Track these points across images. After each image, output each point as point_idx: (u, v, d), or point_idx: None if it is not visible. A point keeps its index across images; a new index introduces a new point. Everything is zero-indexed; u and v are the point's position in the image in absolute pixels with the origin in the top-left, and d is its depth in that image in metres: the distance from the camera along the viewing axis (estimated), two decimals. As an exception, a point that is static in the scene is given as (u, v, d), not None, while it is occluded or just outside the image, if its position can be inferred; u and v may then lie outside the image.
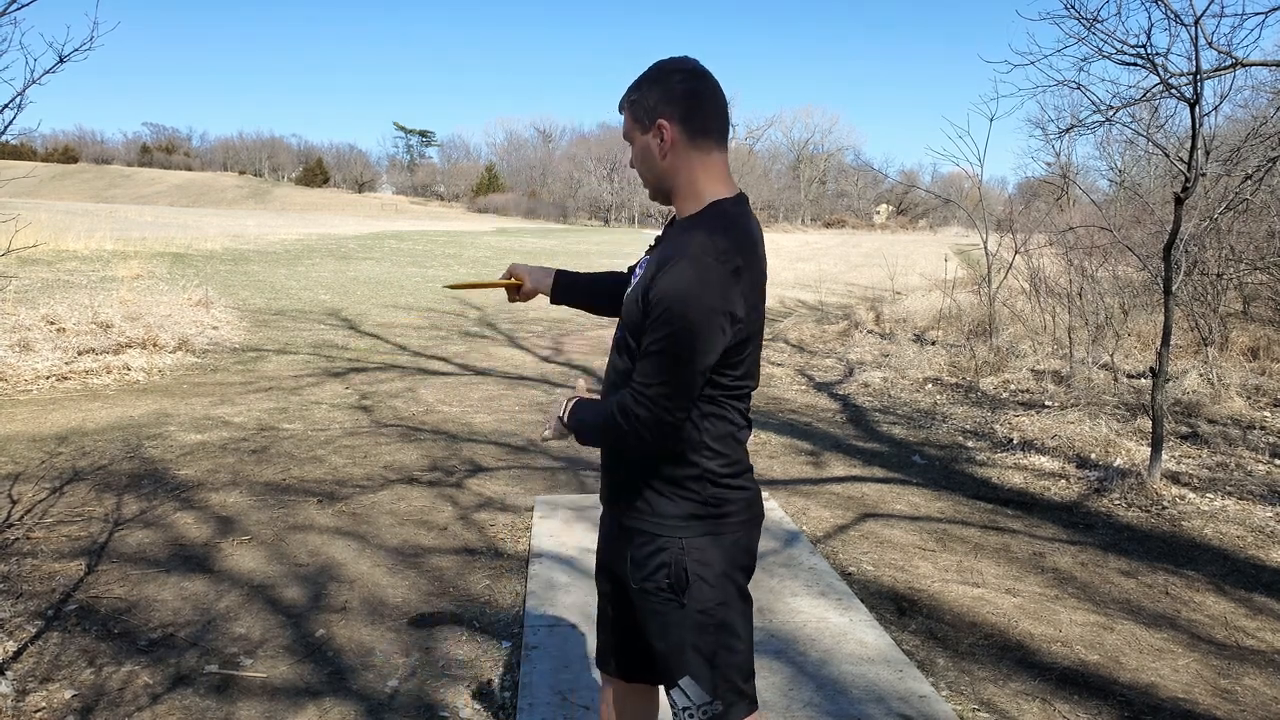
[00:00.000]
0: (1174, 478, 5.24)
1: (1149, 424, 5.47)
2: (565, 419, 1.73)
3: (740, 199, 1.66)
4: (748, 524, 1.71)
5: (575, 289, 2.02)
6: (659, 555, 1.66)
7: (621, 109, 1.68)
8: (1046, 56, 5.25)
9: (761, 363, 1.77)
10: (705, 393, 1.61)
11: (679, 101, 1.61)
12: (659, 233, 1.83)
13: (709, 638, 1.66)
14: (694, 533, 1.65)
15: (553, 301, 2.03)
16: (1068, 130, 6.94)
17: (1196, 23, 4.41)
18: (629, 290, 1.72)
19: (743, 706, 1.71)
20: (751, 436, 1.84)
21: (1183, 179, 4.86)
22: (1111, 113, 5.42)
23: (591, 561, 2.13)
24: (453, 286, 2.18)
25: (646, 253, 1.78)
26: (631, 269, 1.91)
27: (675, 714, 1.72)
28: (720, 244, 1.54)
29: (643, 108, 1.63)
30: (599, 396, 1.74)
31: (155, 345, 8.91)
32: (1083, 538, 4.38)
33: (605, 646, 1.91)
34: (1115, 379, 7.82)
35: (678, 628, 1.66)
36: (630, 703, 1.96)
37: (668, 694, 1.74)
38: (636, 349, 1.61)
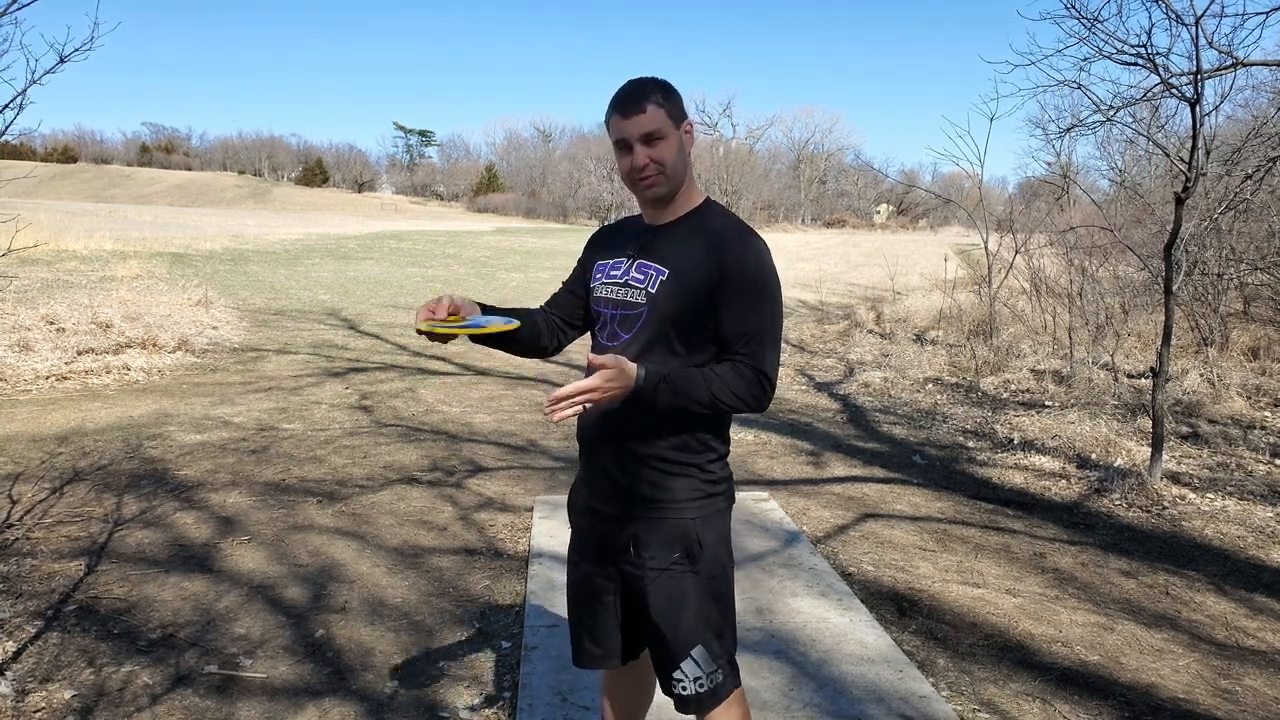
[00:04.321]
0: (1174, 478, 5.23)
1: (1149, 424, 5.47)
2: (641, 387, 1.64)
3: None
4: (732, 502, 1.89)
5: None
6: (673, 530, 1.79)
7: (644, 106, 1.71)
8: (1047, 56, 5.25)
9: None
10: None
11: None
12: (600, 234, 1.98)
13: (716, 607, 1.82)
14: (701, 508, 1.80)
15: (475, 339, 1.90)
16: (1068, 130, 6.96)
17: (1197, 23, 4.40)
18: (656, 289, 1.75)
19: (735, 675, 1.87)
20: (752, 436, 1.87)
21: (1183, 179, 4.86)
22: (1112, 112, 5.42)
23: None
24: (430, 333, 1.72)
25: (626, 255, 1.83)
26: (563, 292, 1.99)
27: (684, 686, 1.81)
28: (749, 225, 1.78)
29: (677, 107, 1.76)
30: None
31: (155, 345, 8.91)
32: (1083, 538, 4.38)
33: (610, 647, 1.94)
34: (1115, 379, 7.82)
35: (692, 597, 1.79)
36: (629, 679, 2.06)
37: (675, 669, 1.81)
38: (682, 344, 1.74)
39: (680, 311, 1.73)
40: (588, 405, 1.63)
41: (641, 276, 1.79)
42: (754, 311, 1.70)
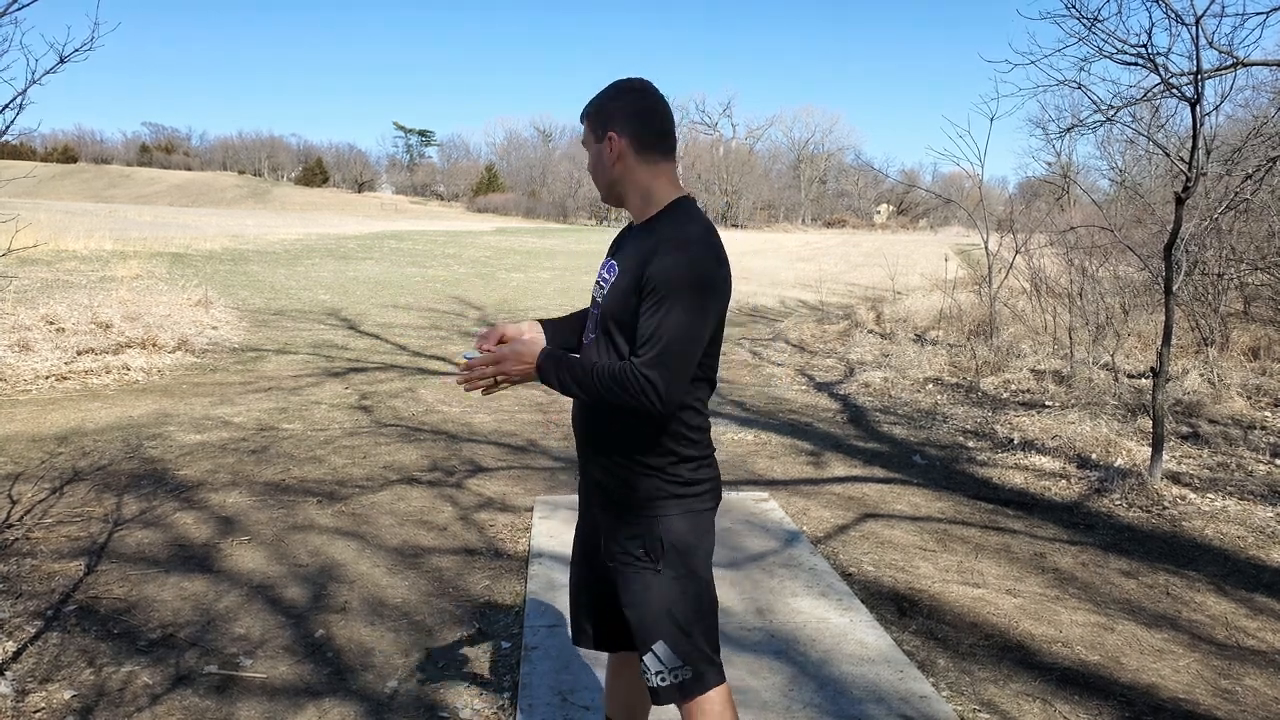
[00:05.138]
0: (1175, 478, 5.23)
1: (1150, 424, 5.47)
2: (541, 368, 1.79)
3: (691, 198, 1.86)
4: (713, 504, 1.89)
5: (563, 332, 2.06)
6: (636, 527, 1.82)
7: (583, 120, 1.88)
8: (1047, 56, 5.23)
9: (762, 363, 1.81)
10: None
11: (630, 118, 1.81)
12: (615, 235, 2.04)
13: (681, 606, 1.82)
14: (666, 508, 1.82)
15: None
16: (1068, 130, 6.96)
17: (1197, 22, 4.40)
18: (608, 288, 1.84)
19: (713, 674, 1.86)
20: (752, 436, 1.87)
21: (1183, 178, 4.86)
22: (1112, 112, 5.42)
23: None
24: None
25: (610, 256, 1.95)
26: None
27: (648, 678, 1.84)
28: (698, 232, 1.75)
29: (598, 120, 1.84)
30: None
31: (155, 345, 8.91)
32: (1083, 538, 4.38)
33: (601, 630, 2.06)
34: (1116, 379, 7.82)
35: (655, 594, 1.82)
36: (629, 671, 2.10)
37: (640, 660, 1.86)
38: (625, 343, 1.77)
39: (617, 311, 1.78)
40: (498, 378, 1.77)
41: (608, 277, 1.87)
42: (655, 315, 1.68)
